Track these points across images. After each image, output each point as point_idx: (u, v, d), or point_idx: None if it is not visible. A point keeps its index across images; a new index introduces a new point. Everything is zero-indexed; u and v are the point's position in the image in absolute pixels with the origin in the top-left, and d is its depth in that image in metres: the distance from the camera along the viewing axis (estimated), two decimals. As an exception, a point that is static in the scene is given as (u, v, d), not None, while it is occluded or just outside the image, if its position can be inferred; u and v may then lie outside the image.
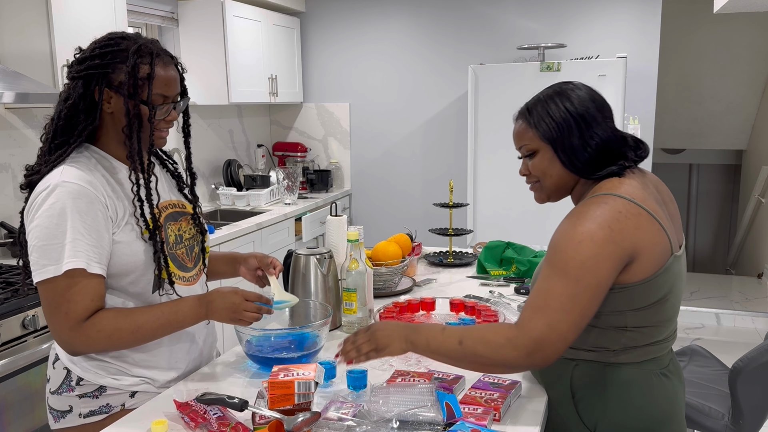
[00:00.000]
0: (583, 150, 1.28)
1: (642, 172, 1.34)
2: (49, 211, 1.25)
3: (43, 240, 1.24)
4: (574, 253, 1.18)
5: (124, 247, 1.33)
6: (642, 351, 1.29)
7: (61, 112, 1.32)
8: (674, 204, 1.37)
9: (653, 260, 1.21)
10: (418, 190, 4.80)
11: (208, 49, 3.83)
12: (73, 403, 1.39)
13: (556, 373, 1.36)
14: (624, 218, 1.19)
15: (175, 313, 1.35)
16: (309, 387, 1.17)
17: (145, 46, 1.32)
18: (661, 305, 1.26)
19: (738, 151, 6.36)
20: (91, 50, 1.33)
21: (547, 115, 1.30)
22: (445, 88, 4.59)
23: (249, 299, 1.38)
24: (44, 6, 2.58)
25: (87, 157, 1.34)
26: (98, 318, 1.28)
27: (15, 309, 2.09)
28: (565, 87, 1.34)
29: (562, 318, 1.17)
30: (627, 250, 1.18)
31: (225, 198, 4.14)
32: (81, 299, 1.26)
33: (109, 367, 1.38)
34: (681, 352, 2.60)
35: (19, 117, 2.83)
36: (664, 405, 1.30)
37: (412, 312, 1.85)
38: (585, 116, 1.28)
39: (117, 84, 1.30)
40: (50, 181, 1.27)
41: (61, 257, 1.24)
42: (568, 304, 1.17)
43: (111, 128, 1.36)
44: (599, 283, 1.18)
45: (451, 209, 2.53)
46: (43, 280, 1.25)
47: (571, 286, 1.17)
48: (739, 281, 5.49)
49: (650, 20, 4.09)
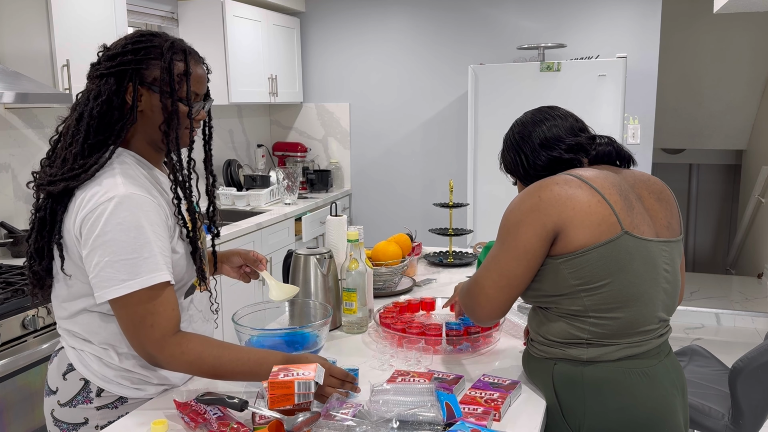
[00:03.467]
0: (530, 169, 1.42)
1: (616, 169, 1.39)
2: (122, 225, 1.19)
3: (120, 255, 1.19)
4: (504, 220, 1.32)
5: (178, 258, 1.31)
6: (616, 348, 1.28)
7: (93, 109, 1.25)
8: (662, 201, 1.36)
9: (588, 228, 1.23)
10: (418, 190, 4.80)
11: (208, 49, 3.83)
12: (89, 415, 1.33)
13: (540, 374, 1.37)
14: (557, 187, 1.27)
15: (260, 365, 1.27)
16: (309, 387, 1.17)
17: (178, 43, 1.29)
18: (615, 287, 1.24)
19: (738, 151, 6.36)
20: (123, 46, 1.27)
21: (502, 152, 1.50)
22: (445, 88, 4.60)
23: (334, 375, 1.28)
24: (44, 6, 2.58)
25: (131, 165, 1.29)
26: (185, 340, 1.26)
27: (15, 309, 2.09)
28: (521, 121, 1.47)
29: (484, 274, 1.32)
30: (551, 216, 1.25)
31: (225, 198, 4.14)
32: (164, 311, 1.23)
33: (133, 377, 1.34)
34: (681, 352, 2.60)
35: (19, 117, 2.83)
36: (648, 407, 1.27)
37: (412, 312, 1.85)
38: (522, 142, 1.43)
39: (150, 80, 1.27)
40: (113, 193, 1.21)
41: (145, 271, 1.21)
42: (490, 263, 1.32)
43: (140, 128, 1.31)
44: (518, 245, 1.27)
45: (451, 209, 2.53)
46: (123, 296, 1.21)
47: (496, 248, 1.32)
48: (739, 281, 5.49)
49: (650, 20, 4.09)
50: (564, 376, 1.31)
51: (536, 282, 1.31)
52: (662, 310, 1.32)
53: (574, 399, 1.30)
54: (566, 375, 1.31)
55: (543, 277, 1.30)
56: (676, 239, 1.35)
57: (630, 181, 1.35)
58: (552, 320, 1.33)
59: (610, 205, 1.25)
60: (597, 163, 1.40)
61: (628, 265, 1.25)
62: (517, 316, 1.76)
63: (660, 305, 1.31)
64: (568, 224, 1.24)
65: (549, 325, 1.33)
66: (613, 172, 1.36)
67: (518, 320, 1.74)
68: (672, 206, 1.38)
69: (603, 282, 1.24)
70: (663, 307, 1.32)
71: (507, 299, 1.31)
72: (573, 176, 1.30)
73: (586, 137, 1.41)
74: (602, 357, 1.28)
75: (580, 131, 1.42)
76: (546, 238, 1.26)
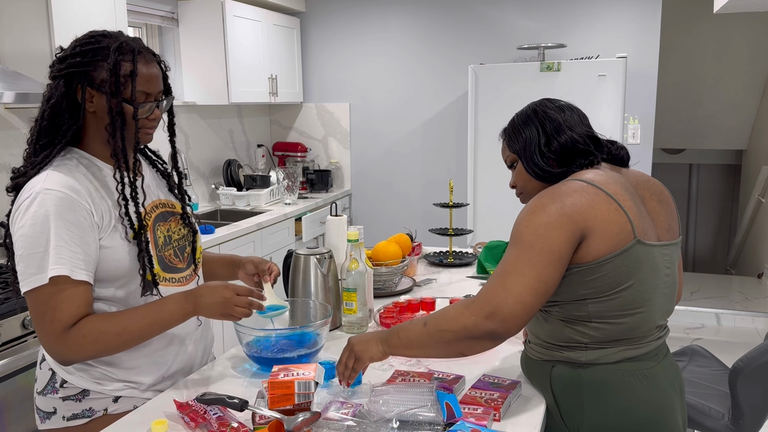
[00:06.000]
0: (542, 156, 1.35)
1: (618, 169, 1.37)
2: (32, 219, 1.22)
3: (28, 249, 1.22)
4: (527, 222, 1.23)
5: (112, 252, 1.30)
6: (615, 350, 1.27)
7: (45, 112, 1.30)
8: (663, 203, 1.36)
9: (608, 238, 1.21)
10: (418, 190, 4.80)
11: (208, 49, 3.83)
12: (56, 405, 1.37)
13: (538, 376, 1.36)
14: (578, 195, 1.22)
15: (160, 311, 1.31)
16: (309, 387, 1.17)
17: (127, 43, 1.30)
18: (623, 295, 1.24)
19: (738, 151, 6.36)
20: (72, 48, 1.30)
21: (514, 126, 1.40)
22: (445, 88, 4.59)
23: (240, 293, 1.35)
24: (44, 6, 2.58)
25: (71, 161, 1.31)
26: (82, 324, 1.25)
27: (15, 309, 2.09)
28: (538, 102, 1.41)
29: (517, 280, 1.19)
30: (579, 224, 1.20)
31: (225, 198, 4.14)
32: (66, 307, 1.23)
33: (93, 371, 1.36)
34: (681, 352, 2.60)
35: (19, 117, 2.83)
36: (647, 408, 1.27)
37: (412, 312, 1.85)
38: (545, 125, 1.35)
39: (99, 82, 1.28)
40: (33, 188, 1.24)
41: (45, 265, 1.21)
42: (523, 268, 1.20)
43: (94, 128, 1.33)
44: (552, 249, 1.19)
45: (451, 209, 2.53)
46: (29, 290, 1.23)
47: (525, 251, 1.21)
48: (739, 281, 5.49)
49: (650, 20, 4.09)
50: (562, 379, 1.31)
51: None
52: (662, 313, 1.31)
53: (573, 401, 1.30)
54: (565, 377, 1.30)
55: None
56: (676, 242, 1.35)
57: (633, 182, 1.34)
58: (552, 323, 1.32)
59: (625, 212, 1.23)
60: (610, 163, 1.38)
61: (636, 273, 1.24)
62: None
63: (660, 309, 1.30)
64: (592, 233, 1.21)
65: (548, 327, 1.33)
66: (617, 172, 1.35)
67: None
68: (671, 207, 1.38)
69: (611, 292, 1.24)
70: (663, 311, 1.31)
71: (540, 306, 1.22)
72: (585, 182, 1.26)
73: (606, 140, 1.39)
74: (600, 359, 1.28)
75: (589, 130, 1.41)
76: (574, 244, 1.21)
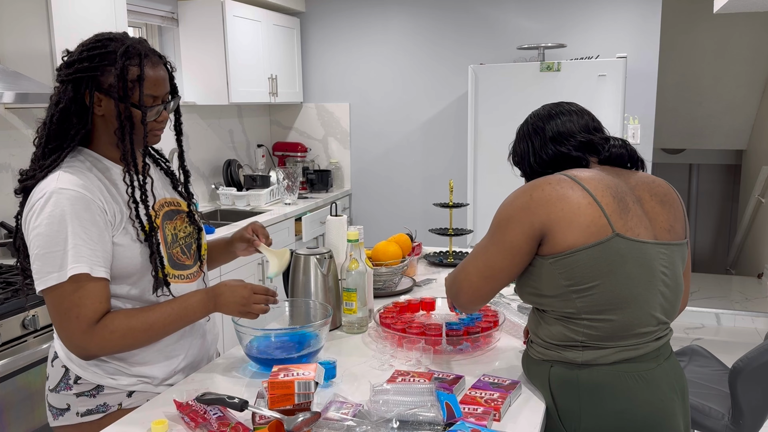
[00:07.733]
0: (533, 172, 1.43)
1: (616, 170, 1.37)
2: (48, 219, 1.24)
3: (45, 248, 1.24)
4: (497, 214, 1.34)
5: (123, 250, 1.33)
6: (612, 351, 1.27)
7: (53, 116, 1.31)
8: (666, 204, 1.35)
9: (577, 229, 1.23)
10: (418, 190, 4.80)
11: (208, 49, 3.83)
12: (70, 401, 1.39)
13: (537, 376, 1.37)
14: (549, 187, 1.27)
15: (184, 308, 1.37)
16: (309, 387, 1.17)
17: (133, 47, 1.31)
18: (607, 289, 1.24)
19: (738, 151, 6.36)
20: (79, 53, 1.32)
21: (515, 138, 1.49)
22: (445, 88, 4.60)
23: (257, 292, 1.41)
24: (44, 6, 2.58)
25: (81, 162, 1.33)
26: (109, 319, 1.29)
27: (15, 309, 2.09)
28: (532, 114, 1.48)
29: (471, 262, 1.37)
30: (539, 216, 1.26)
31: (225, 198, 4.14)
32: (90, 303, 1.26)
33: (108, 367, 1.38)
34: (681, 352, 2.60)
35: (19, 117, 2.83)
36: (645, 410, 1.27)
37: (412, 312, 1.85)
38: (533, 140, 1.43)
39: (107, 87, 1.30)
40: (47, 188, 1.26)
41: (65, 264, 1.24)
42: (478, 252, 1.36)
43: (103, 131, 1.36)
44: (505, 240, 1.30)
45: (451, 209, 2.53)
46: (48, 288, 1.25)
47: (486, 238, 1.36)
48: (739, 281, 5.49)
49: (650, 20, 4.09)
50: (560, 379, 1.31)
51: (532, 281, 1.32)
52: (660, 312, 1.30)
53: (570, 402, 1.30)
54: (562, 378, 1.31)
55: (537, 276, 1.30)
56: (678, 242, 1.34)
57: (631, 183, 1.34)
58: (548, 322, 1.33)
59: (600, 207, 1.25)
60: (608, 164, 1.39)
61: (619, 267, 1.24)
62: (517, 316, 1.77)
63: (657, 308, 1.29)
64: (556, 225, 1.25)
65: (546, 327, 1.34)
66: (614, 173, 1.35)
67: (518, 320, 1.74)
68: (677, 209, 1.37)
69: (593, 284, 1.24)
70: (661, 310, 1.30)
71: (490, 289, 1.35)
72: (567, 176, 1.30)
73: (600, 137, 1.40)
74: (598, 360, 1.28)
75: (595, 130, 1.41)
76: (533, 237, 1.27)
